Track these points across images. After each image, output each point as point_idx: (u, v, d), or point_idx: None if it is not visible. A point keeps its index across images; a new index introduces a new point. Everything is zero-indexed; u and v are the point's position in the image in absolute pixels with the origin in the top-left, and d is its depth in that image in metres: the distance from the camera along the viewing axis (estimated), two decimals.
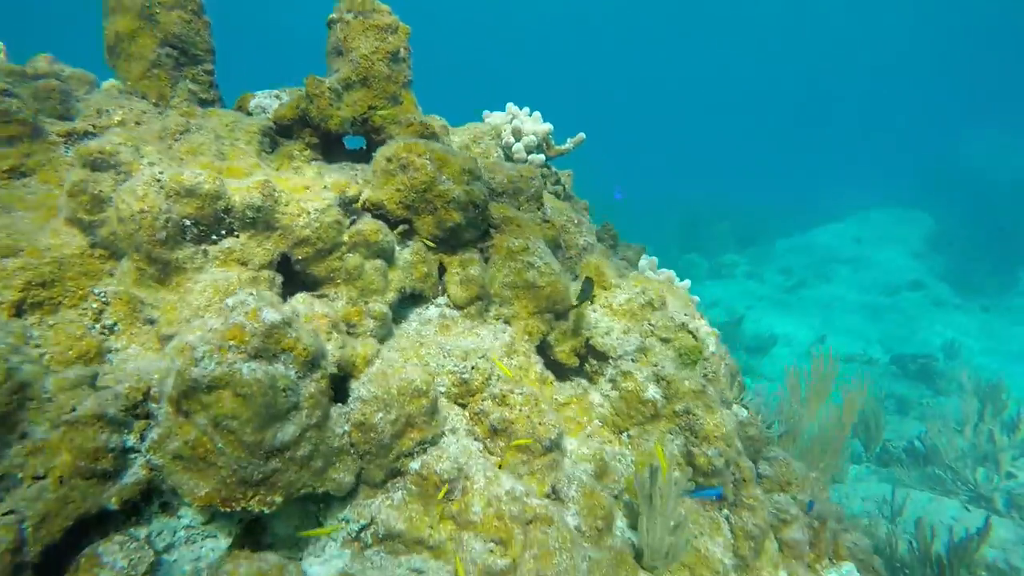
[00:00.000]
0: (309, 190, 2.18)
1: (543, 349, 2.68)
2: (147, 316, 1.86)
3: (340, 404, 1.88)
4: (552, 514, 1.77)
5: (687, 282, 3.69)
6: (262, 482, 1.65)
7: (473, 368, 2.25)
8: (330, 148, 2.69)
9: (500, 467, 2.04)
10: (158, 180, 1.79)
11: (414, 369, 1.93)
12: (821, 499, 3.23)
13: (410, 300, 2.44)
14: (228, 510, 1.64)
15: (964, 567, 4.23)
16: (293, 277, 2.17)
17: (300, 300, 1.94)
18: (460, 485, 1.92)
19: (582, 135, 4.05)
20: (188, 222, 1.86)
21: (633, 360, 2.61)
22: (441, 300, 2.45)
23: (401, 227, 2.36)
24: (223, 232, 1.98)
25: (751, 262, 20.13)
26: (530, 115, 3.95)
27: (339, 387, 1.93)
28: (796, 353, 14.76)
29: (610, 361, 2.66)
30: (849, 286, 18.27)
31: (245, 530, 1.86)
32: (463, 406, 2.19)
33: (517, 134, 3.83)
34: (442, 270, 2.49)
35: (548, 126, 3.84)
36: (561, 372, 2.74)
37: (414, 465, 1.92)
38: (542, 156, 3.81)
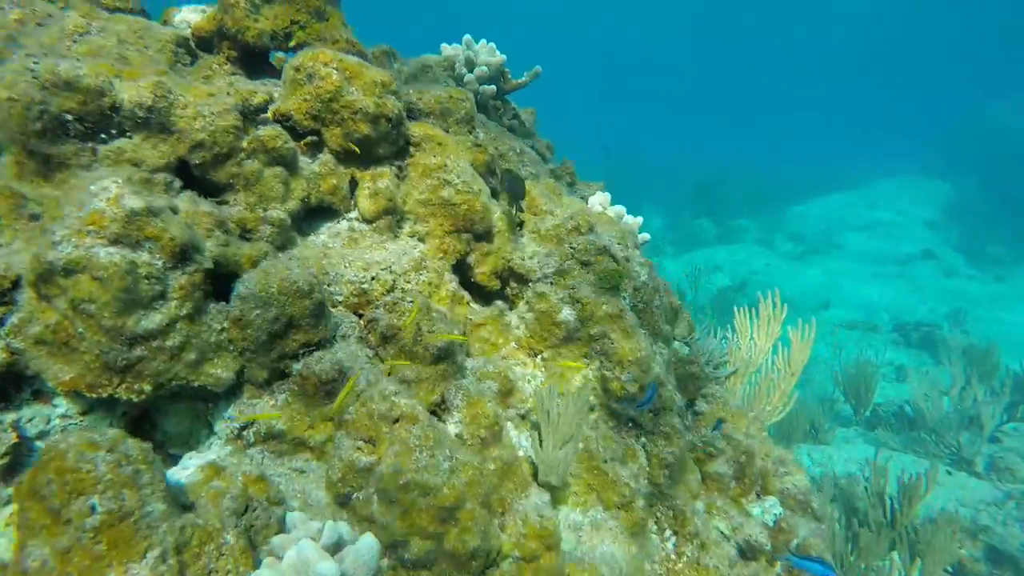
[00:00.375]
0: (213, 97, 2.16)
1: (463, 271, 2.66)
2: (31, 212, 1.87)
3: (224, 303, 1.90)
4: (418, 414, 1.78)
5: (638, 219, 3.63)
6: (127, 369, 1.68)
7: (373, 279, 2.25)
8: (253, 65, 2.66)
9: (388, 374, 2.05)
10: (31, 70, 1.78)
11: (299, 271, 1.93)
12: (757, 437, 3.22)
13: (322, 215, 2.43)
14: (95, 396, 1.68)
15: (910, 505, 4.24)
16: (199, 185, 2.16)
17: (185, 198, 1.94)
18: (340, 388, 1.94)
19: (538, 68, 3.96)
20: (70, 117, 1.85)
21: (551, 283, 2.59)
22: (352, 215, 2.44)
23: (309, 138, 2.34)
24: (114, 132, 1.98)
25: (761, 228, 19.81)
26: (486, 47, 3.86)
27: (228, 288, 1.94)
28: (799, 319, 14.64)
29: (529, 284, 2.65)
30: (860, 254, 17.92)
31: (133, 425, 1.90)
32: (360, 316, 2.19)
33: (470, 65, 3.75)
34: (356, 186, 2.47)
35: (501, 57, 3.75)
36: (484, 295, 2.73)
37: (296, 366, 1.94)
38: (493, 87, 3.73)
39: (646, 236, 3.65)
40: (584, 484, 2.44)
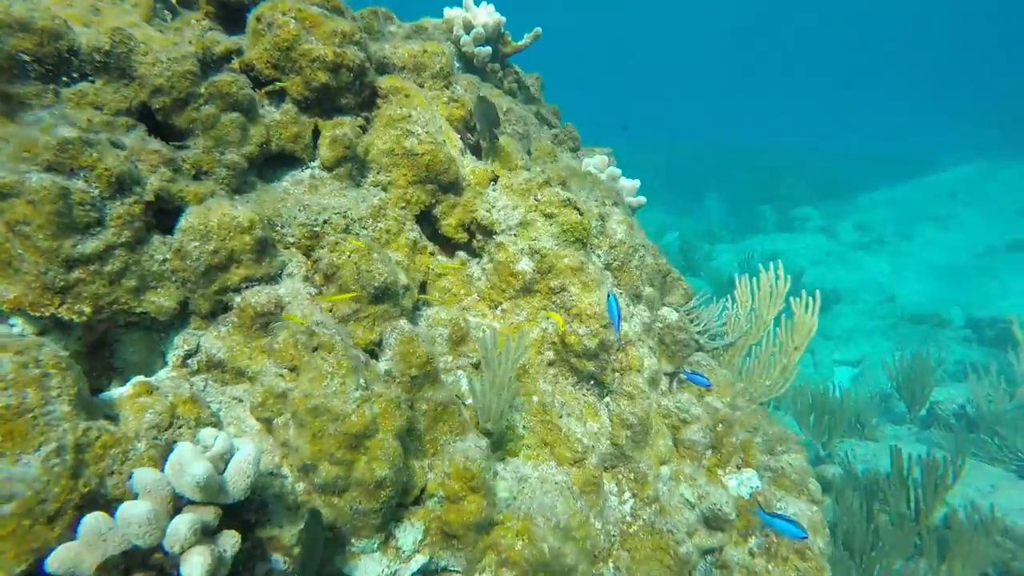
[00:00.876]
0: (175, 45, 2.25)
1: (431, 223, 2.67)
2: None
3: (171, 236, 1.98)
4: (335, 343, 1.81)
5: (635, 182, 3.53)
6: (67, 290, 1.78)
7: (326, 222, 2.29)
8: (232, 20, 2.74)
9: (330, 311, 2.09)
10: None
11: (241, 209, 2.00)
12: (744, 408, 3.09)
13: (286, 163, 2.49)
14: (38, 315, 1.79)
15: (935, 493, 3.95)
16: (163, 129, 2.26)
17: (133, 136, 2.04)
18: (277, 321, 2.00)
19: (538, 29, 3.90)
20: (26, 57, 1.98)
21: (515, 234, 2.56)
22: (315, 163, 2.49)
23: (270, 86, 2.40)
24: (75, 75, 2.09)
25: (826, 216, 18.83)
26: (485, 8, 3.83)
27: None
28: (861, 311, 13.86)
29: (494, 236, 2.62)
30: (934, 244, 16.75)
31: (91, 351, 2.02)
32: (309, 256, 2.24)
33: (468, 27, 3.73)
34: (319, 135, 2.51)
35: (498, 18, 3.71)
36: (453, 248, 2.73)
37: (237, 299, 2.00)
38: (488, 49, 3.71)
39: (641, 200, 3.55)
40: (538, 438, 2.41)
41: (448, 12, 3.94)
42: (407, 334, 2.04)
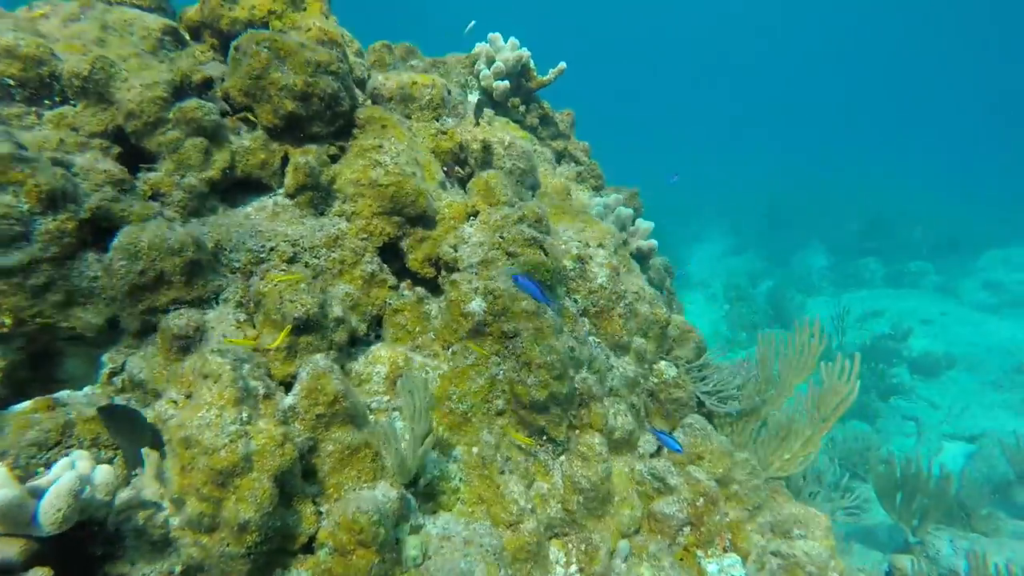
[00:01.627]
0: (154, 72, 2.35)
1: (400, 255, 2.59)
2: None
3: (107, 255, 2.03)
4: (223, 372, 1.74)
5: (649, 225, 3.28)
6: None
7: (272, 249, 2.27)
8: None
9: (255, 339, 2.04)
10: None
11: (178, 231, 2.01)
12: (743, 483, 2.72)
13: (255, 189, 2.51)
14: None
15: None
16: (137, 152, 2.36)
17: (88, 156, 2.12)
18: (197, 345, 1.98)
19: (563, 65, 3.79)
20: (12, 82, 2.13)
21: (475, 272, 2.42)
22: (281, 191, 2.50)
23: (241, 114, 2.45)
24: (57, 99, 2.24)
25: (944, 272, 16.97)
26: (512, 41, 3.78)
27: None
28: (982, 380, 12.23)
29: (456, 273, 2.49)
30: None
31: (34, 362, 2.09)
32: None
33: (490, 61, 3.69)
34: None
35: (521, 53, 3.64)
36: (422, 282, 2.63)
37: (163, 321, 2.01)
38: (507, 83, 3.63)
39: (652, 243, 3.29)
40: (475, 493, 2.21)
41: (478, 47, 3.93)
42: (319, 369, 1.94)
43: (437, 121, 2.85)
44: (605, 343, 2.66)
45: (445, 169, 2.83)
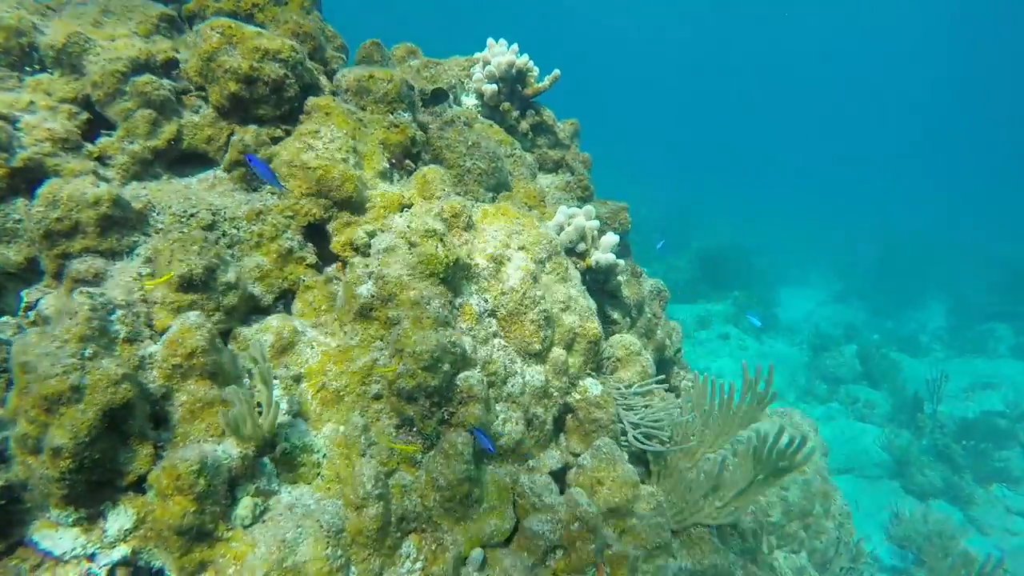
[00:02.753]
0: (122, 49, 2.63)
1: (327, 237, 2.70)
2: None
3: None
4: (80, 310, 1.89)
5: (613, 238, 3.20)
6: None
7: (192, 216, 2.44)
8: None
9: (147, 290, 2.21)
10: None
11: (100, 188, 2.23)
12: (648, 518, 2.56)
13: (202, 162, 2.72)
14: None
15: None
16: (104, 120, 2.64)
17: (38, 116, 2.40)
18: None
19: (557, 71, 3.79)
20: None
21: (379, 259, 2.47)
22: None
23: (197, 92, 2.67)
24: (37, 67, 2.56)
25: None
26: (512, 47, 3.84)
27: None
28: None
29: (358, 256, 2.56)
30: None
31: None
32: None
33: (486, 66, 3.77)
34: None
35: (513, 59, 3.69)
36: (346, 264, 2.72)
37: (68, 265, 2.22)
38: (495, 87, 3.68)
39: (610, 257, 3.19)
40: (335, 472, 2.24)
41: (479, 53, 4.02)
42: (187, 323, 2.06)
43: (392, 115, 2.95)
44: (513, 348, 2.61)
45: (393, 160, 2.91)
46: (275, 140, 2.72)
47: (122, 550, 1.89)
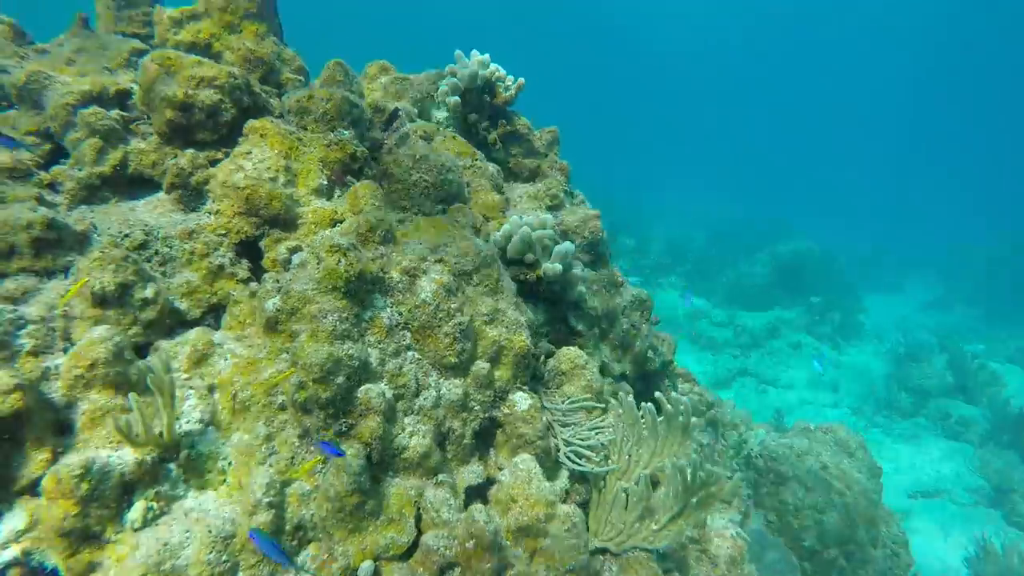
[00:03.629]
0: (75, 84, 2.87)
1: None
2: None
3: None
4: None
5: (568, 245, 3.13)
6: None
7: (126, 236, 2.62)
8: None
9: (60, 305, 2.38)
10: None
11: (36, 213, 2.44)
12: (561, 537, 2.48)
13: (151, 187, 2.90)
14: None
15: None
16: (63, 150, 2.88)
17: None
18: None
19: (522, 80, 3.80)
20: None
21: (292, 273, 2.54)
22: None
23: (138, 120, 2.86)
24: (5, 104, 2.83)
25: None
26: (479, 58, 3.86)
27: None
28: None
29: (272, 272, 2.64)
30: None
31: None
32: None
33: (453, 76, 3.81)
34: None
35: (476, 70, 3.70)
36: None
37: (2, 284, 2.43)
38: (456, 99, 3.71)
39: (556, 268, 3.12)
40: (237, 479, 2.32)
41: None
42: (94, 336, 2.21)
43: (332, 132, 3.04)
44: (428, 361, 2.61)
45: (333, 177, 2.99)
46: (214, 163, 2.87)
47: (13, 551, 2.04)
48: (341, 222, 2.86)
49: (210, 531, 2.13)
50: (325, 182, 2.96)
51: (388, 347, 2.53)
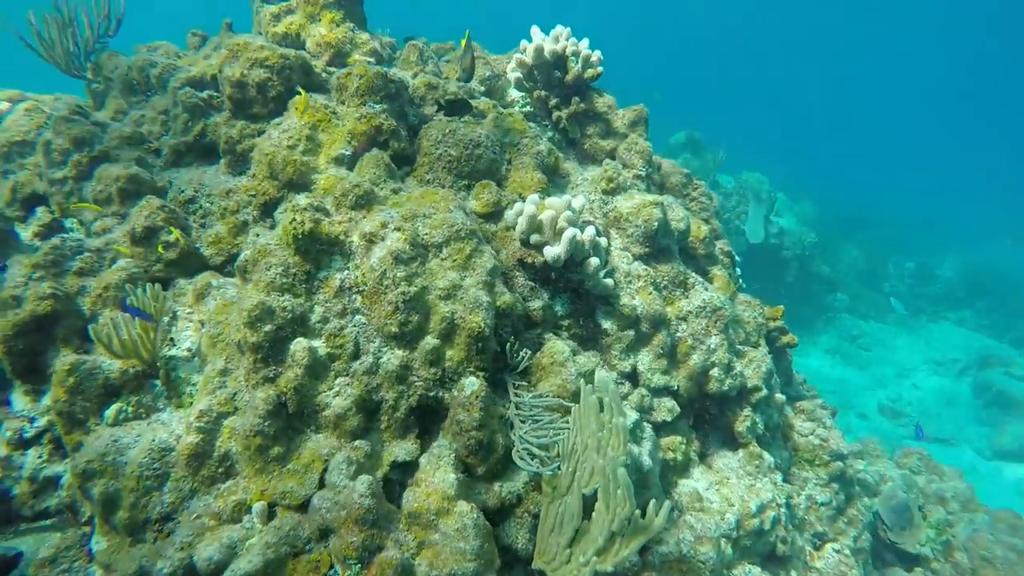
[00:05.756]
0: (193, 71, 3.54)
1: None
2: None
3: None
4: None
5: (571, 232, 2.87)
6: None
7: (181, 192, 3.16)
8: None
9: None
10: None
11: (127, 168, 3.12)
12: (452, 538, 2.32)
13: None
14: None
15: None
16: None
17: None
18: None
19: (598, 53, 3.55)
20: None
21: (278, 232, 2.78)
22: None
23: (216, 96, 3.40)
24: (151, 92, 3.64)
25: None
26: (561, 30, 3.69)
27: None
28: None
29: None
30: None
31: None
32: None
33: (520, 52, 3.72)
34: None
35: (542, 45, 3.53)
36: None
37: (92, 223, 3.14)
38: (518, 74, 3.59)
39: (555, 251, 2.85)
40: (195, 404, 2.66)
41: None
42: (116, 266, 2.74)
43: (364, 106, 3.21)
44: (372, 327, 2.61)
45: (359, 148, 3.18)
46: (261, 133, 3.27)
47: (42, 422, 2.66)
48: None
49: (153, 440, 2.48)
50: (349, 152, 3.15)
51: (334, 307, 2.61)
